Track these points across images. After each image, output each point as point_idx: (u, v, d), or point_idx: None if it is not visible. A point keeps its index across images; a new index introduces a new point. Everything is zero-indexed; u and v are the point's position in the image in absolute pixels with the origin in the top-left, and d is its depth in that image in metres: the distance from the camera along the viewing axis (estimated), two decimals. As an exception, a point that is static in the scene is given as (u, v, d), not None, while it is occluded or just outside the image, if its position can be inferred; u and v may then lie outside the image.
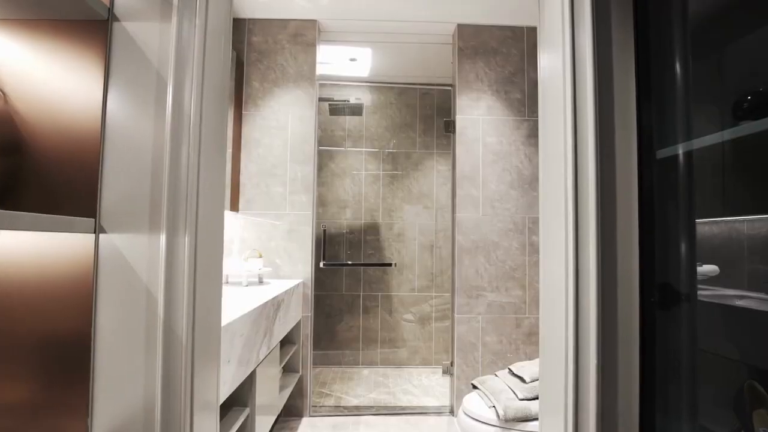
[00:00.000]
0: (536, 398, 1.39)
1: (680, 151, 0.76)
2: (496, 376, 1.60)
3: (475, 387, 1.61)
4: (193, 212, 0.80)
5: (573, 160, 0.82)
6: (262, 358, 1.49)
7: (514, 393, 1.41)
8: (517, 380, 1.48)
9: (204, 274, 0.83)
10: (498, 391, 1.45)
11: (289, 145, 2.35)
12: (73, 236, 0.77)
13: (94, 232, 0.78)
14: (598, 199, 0.80)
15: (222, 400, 1.14)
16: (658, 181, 0.78)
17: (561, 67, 0.87)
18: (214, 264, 0.89)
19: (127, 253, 0.79)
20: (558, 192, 0.86)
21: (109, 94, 0.80)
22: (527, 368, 1.52)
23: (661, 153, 0.77)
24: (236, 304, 1.42)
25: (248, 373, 1.35)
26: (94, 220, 0.78)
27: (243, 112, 2.36)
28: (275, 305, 1.67)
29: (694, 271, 0.79)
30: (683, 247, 0.78)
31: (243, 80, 2.36)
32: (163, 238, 0.78)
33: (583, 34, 0.83)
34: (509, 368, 1.59)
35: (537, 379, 1.46)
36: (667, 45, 0.87)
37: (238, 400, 1.43)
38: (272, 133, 2.35)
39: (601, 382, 0.79)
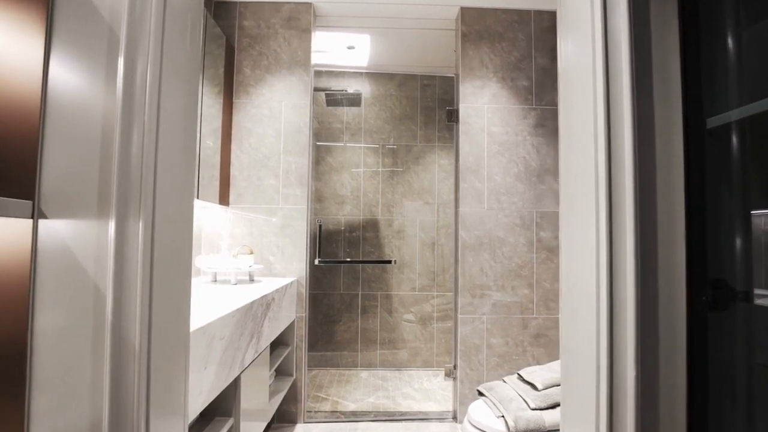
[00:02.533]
0: (550, 407, 1.26)
1: (738, 117, 0.63)
2: (504, 382, 1.47)
3: (481, 394, 1.48)
4: (149, 196, 0.67)
5: (605, 134, 0.69)
6: (248, 363, 1.36)
7: (525, 402, 1.28)
8: (528, 387, 1.35)
9: (165, 268, 0.70)
10: (507, 400, 1.32)
11: (282, 136, 2.22)
12: (6, 222, 0.64)
13: (32, 217, 0.65)
14: (636, 181, 0.67)
15: (199, 410, 1.01)
16: (710, 155, 0.65)
17: (589, 29, 0.73)
18: (180, 258, 0.76)
19: (72, 243, 0.66)
20: (586, 175, 0.72)
21: (51, 53, 0.67)
22: (539, 374, 1.39)
23: (713, 121, 0.64)
24: (220, 303, 1.29)
25: (231, 380, 1.22)
26: (32, 202, 0.65)
27: (233, 100, 2.23)
28: (264, 305, 1.54)
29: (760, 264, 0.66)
30: (742, 237, 0.65)
31: (233, 67, 2.23)
32: (112, 224, 0.64)
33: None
34: (518, 374, 1.46)
35: (550, 387, 1.33)
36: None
37: (221, 408, 1.30)
38: (265, 122, 2.22)
39: (640, 397, 0.66)
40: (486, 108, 2.26)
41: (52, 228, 0.66)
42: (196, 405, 0.98)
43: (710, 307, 0.64)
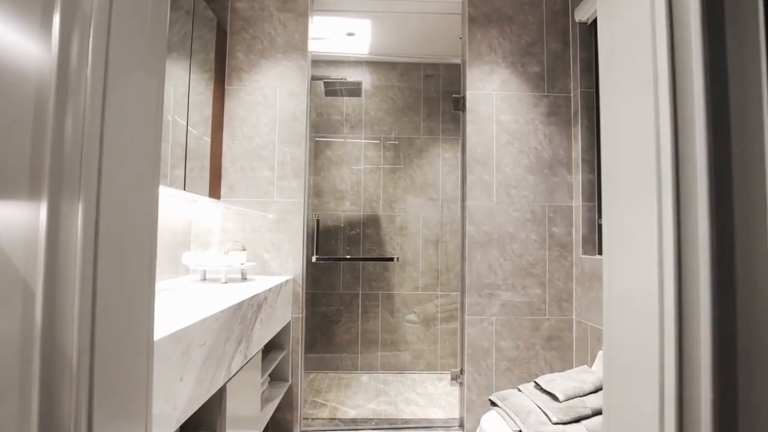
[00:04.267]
0: (574, 421, 1.12)
1: None
2: (520, 391, 1.33)
3: (493, 404, 1.34)
4: (92, 177, 0.52)
5: (670, 88, 0.55)
6: (235, 371, 1.23)
7: (546, 415, 1.14)
8: (547, 398, 1.21)
9: (117, 264, 0.56)
10: (524, 412, 1.18)
11: (277, 124, 2.08)
12: None
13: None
14: (711, 155, 0.52)
15: (174, 428, 0.87)
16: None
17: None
18: (140, 253, 0.61)
19: (-4, 230, 0.52)
20: (642, 152, 0.58)
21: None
22: (559, 383, 1.25)
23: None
24: (203, 304, 1.15)
25: (215, 390, 1.08)
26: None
27: (225, 87, 2.09)
28: (255, 305, 1.40)
29: None
30: None
31: (225, 51, 2.09)
32: (43, 207, 0.50)
33: None
34: (535, 382, 1.33)
35: (573, 398, 1.19)
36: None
37: (206, 421, 1.16)
38: (259, 110, 2.08)
39: (718, 426, 0.51)
40: (495, 95, 2.12)
41: (-31, 210, 0.51)
42: (170, 423, 0.84)
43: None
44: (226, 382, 1.17)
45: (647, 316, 0.56)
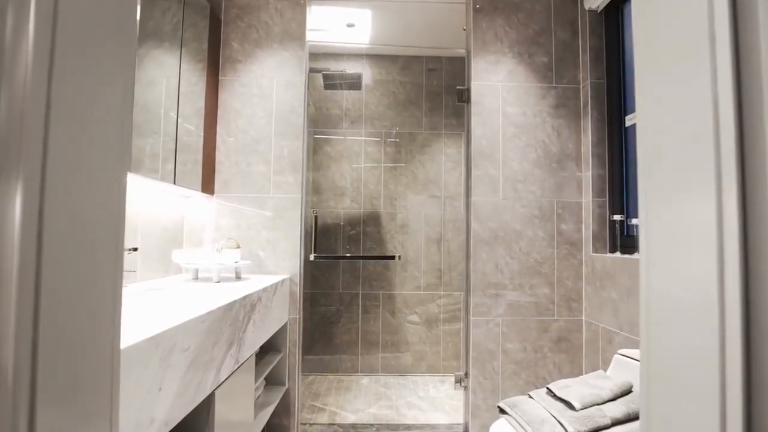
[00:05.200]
0: (592, 433, 1.03)
1: None
2: (531, 398, 1.24)
3: (502, 411, 1.25)
4: (36, 155, 0.44)
5: (732, 46, 0.46)
6: (225, 376, 1.14)
7: (561, 425, 1.05)
8: (562, 406, 1.13)
9: (70, 259, 0.47)
10: (538, 421, 1.10)
11: (273, 117, 1.99)
12: None
13: None
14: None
15: (153, 444, 0.78)
16: None
17: None
18: (102, 247, 0.53)
19: None
20: (695, 130, 0.49)
21: None
22: (575, 390, 1.16)
23: None
24: (190, 305, 1.06)
25: (202, 399, 0.99)
26: None
27: (219, 77, 2.00)
28: (247, 306, 1.32)
29: None
30: None
31: (219, 41, 2.01)
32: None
33: None
34: (548, 388, 1.24)
35: (590, 406, 1.10)
36: None
37: (193, 432, 1.07)
38: (254, 102, 1.99)
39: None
40: (501, 86, 2.03)
41: None
42: (147, 437, 0.76)
43: None
44: (215, 390, 1.08)
45: (702, 323, 0.47)
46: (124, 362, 0.67)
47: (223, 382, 1.12)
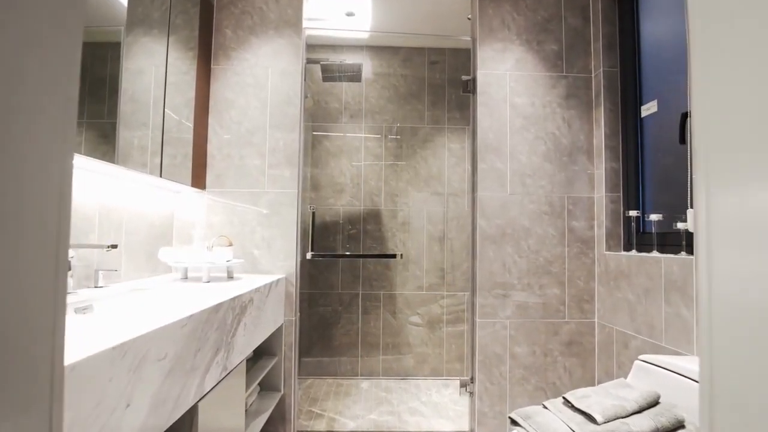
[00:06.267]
0: (617, 450, 0.93)
1: None
2: (546, 408, 1.14)
3: (515, 423, 1.14)
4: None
5: None
6: (211, 385, 1.03)
7: (582, 440, 0.95)
8: (581, 419, 1.02)
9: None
10: (555, 435, 0.99)
11: (269, 107, 1.88)
12: None
13: None
14: None
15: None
16: None
17: None
18: (35, 242, 0.42)
19: None
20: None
21: None
22: (595, 401, 1.05)
23: None
24: (172, 307, 0.96)
25: (182, 413, 0.89)
26: None
27: (212, 66, 1.90)
28: (237, 308, 1.21)
29: None
30: None
31: (212, 27, 1.90)
32: None
33: None
34: (565, 398, 1.13)
35: (614, 419, 0.99)
36: None
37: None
38: (248, 92, 1.89)
39: None
40: (508, 75, 1.93)
41: None
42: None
43: None
44: (199, 401, 0.97)
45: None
46: (78, 377, 0.57)
47: (208, 392, 1.02)
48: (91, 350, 0.60)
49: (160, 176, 1.50)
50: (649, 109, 1.73)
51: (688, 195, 1.36)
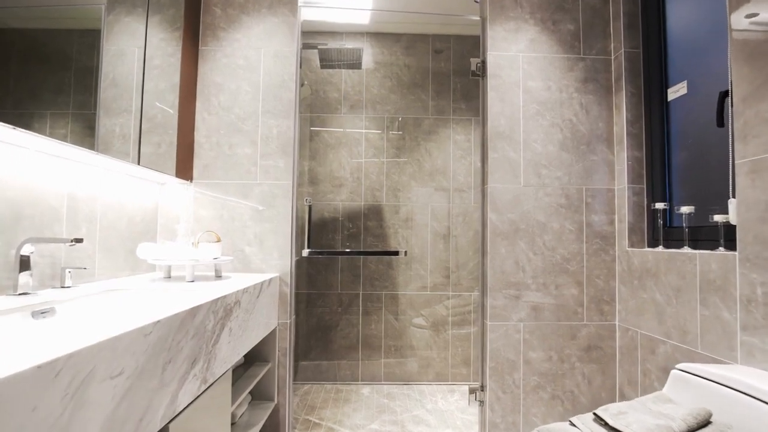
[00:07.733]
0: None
1: None
2: (573, 425, 0.99)
3: (538, 443, 1.00)
4: None
5: None
6: (187, 402, 0.88)
7: (624, 469, 0.80)
8: (620, 441, 0.87)
9: None
10: (589, 461, 0.84)
11: (261, 92, 1.74)
12: None
13: None
14: None
15: None
16: None
17: None
18: None
19: None
20: None
21: None
22: (635, 417, 0.90)
23: None
24: (140, 310, 0.81)
25: (148, 438, 0.74)
26: None
27: (199, 47, 1.75)
28: (221, 311, 1.06)
29: None
30: None
31: (200, 5, 1.75)
32: None
33: None
34: (596, 414, 0.98)
35: (660, 443, 0.84)
36: None
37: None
38: (239, 75, 1.74)
39: None
40: (521, 57, 1.77)
41: None
42: None
43: None
44: (170, 422, 0.82)
45: None
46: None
47: (182, 410, 0.87)
48: (5, 371, 0.45)
49: (138, 164, 1.35)
50: (677, 91, 1.57)
51: (730, 183, 1.21)
